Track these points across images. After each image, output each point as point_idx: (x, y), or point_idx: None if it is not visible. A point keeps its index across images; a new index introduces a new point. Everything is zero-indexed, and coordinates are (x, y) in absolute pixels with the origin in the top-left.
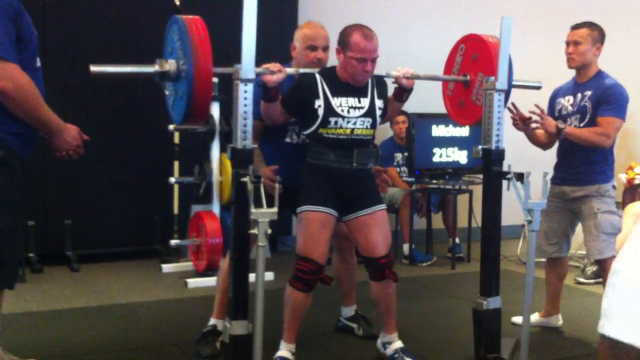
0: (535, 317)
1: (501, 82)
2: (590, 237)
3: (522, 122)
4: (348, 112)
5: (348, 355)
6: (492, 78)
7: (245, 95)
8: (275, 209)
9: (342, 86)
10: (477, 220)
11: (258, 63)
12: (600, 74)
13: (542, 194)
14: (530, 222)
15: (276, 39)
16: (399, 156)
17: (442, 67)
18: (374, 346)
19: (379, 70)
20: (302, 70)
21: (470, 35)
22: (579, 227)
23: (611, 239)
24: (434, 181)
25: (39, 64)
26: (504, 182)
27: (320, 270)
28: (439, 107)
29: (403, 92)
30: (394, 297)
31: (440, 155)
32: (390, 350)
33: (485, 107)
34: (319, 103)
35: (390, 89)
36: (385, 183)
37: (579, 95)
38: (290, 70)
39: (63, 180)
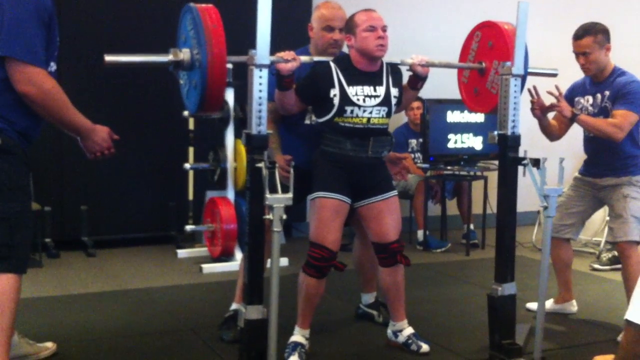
0: (550, 304)
1: (517, 68)
2: (619, 219)
3: (540, 111)
4: (364, 100)
5: (367, 342)
6: (509, 63)
7: (260, 81)
8: (290, 195)
9: (358, 74)
10: (492, 207)
11: (272, 49)
12: (615, 72)
13: (558, 180)
14: (546, 208)
15: (290, 24)
16: (413, 142)
17: (456, 52)
18: None
19: (393, 58)
20: (316, 59)
21: (486, 22)
22: (595, 215)
23: (638, 224)
24: (449, 167)
25: (53, 68)
26: (520, 168)
27: (332, 257)
28: (454, 93)
29: (418, 80)
30: (403, 284)
31: (455, 141)
32: (402, 337)
33: (501, 92)
34: (335, 92)
35: (405, 76)
36: (406, 170)
37: (599, 95)
38: (304, 58)
39: (79, 166)
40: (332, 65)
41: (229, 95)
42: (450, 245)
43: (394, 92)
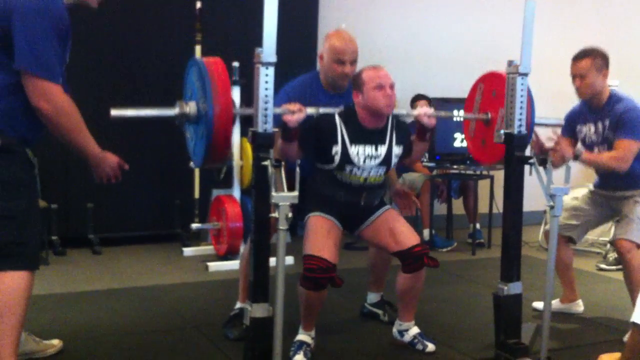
0: (556, 303)
1: (524, 66)
2: (625, 219)
3: (539, 150)
4: (364, 161)
5: (372, 341)
6: (515, 61)
7: (266, 79)
8: (295, 193)
9: (362, 132)
10: (498, 206)
11: (278, 47)
12: (612, 98)
13: (564, 179)
14: (552, 207)
15: (296, 36)
16: None
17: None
18: None
19: (399, 63)
20: (322, 110)
21: (489, 74)
22: None
23: None
24: (455, 166)
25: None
26: (526, 167)
27: (331, 269)
28: (460, 92)
29: (425, 131)
30: (421, 289)
31: (462, 140)
32: (408, 336)
33: (507, 91)
34: (337, 149)
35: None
36: (414, 204)
37: (600, 124)
38: (310, 110)
39: (85, 164)
40: (338, 120)
41: (235, 94)
42: (456, 245)
43: (396, 150)
